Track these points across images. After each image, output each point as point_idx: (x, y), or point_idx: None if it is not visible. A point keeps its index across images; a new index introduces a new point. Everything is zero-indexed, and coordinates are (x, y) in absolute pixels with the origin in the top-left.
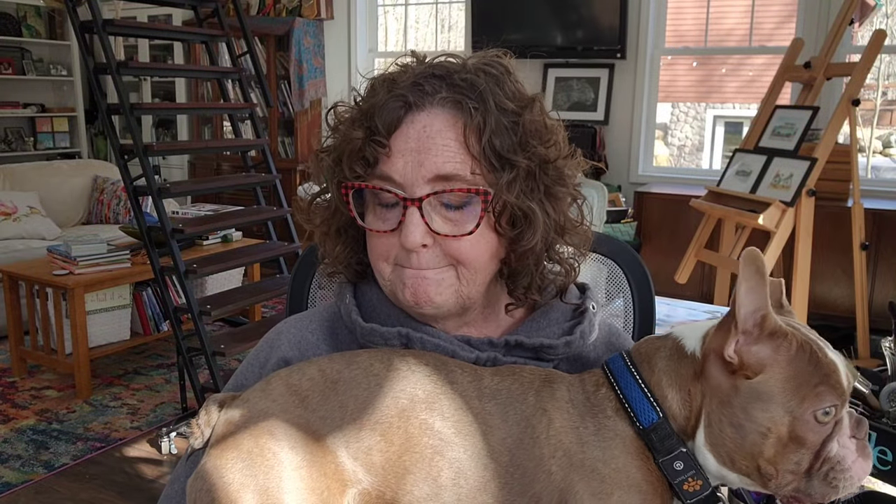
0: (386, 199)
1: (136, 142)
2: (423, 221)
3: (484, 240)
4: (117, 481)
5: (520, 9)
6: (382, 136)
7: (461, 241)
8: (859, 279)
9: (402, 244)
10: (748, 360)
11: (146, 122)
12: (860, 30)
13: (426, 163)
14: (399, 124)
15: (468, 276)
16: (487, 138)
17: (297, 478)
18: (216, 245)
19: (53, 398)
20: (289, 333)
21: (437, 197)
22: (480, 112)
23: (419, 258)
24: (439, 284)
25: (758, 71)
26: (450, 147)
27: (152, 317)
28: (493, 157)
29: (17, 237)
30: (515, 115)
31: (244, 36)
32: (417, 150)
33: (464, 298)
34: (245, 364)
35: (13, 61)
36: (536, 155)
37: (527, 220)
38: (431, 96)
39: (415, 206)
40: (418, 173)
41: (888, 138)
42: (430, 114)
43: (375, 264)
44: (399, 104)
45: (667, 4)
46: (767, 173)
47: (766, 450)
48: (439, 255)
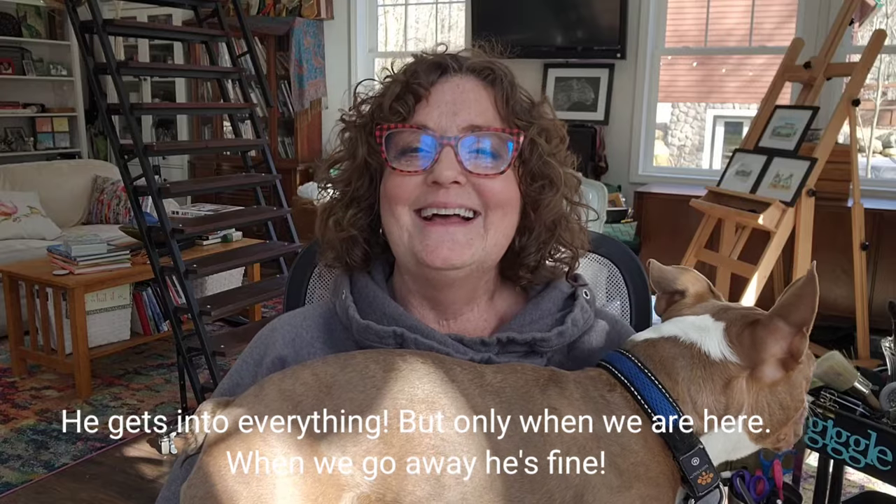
0: (415, 144)
1: (136, 142)
2: (456, 160)
3: (511, 186)
4: (117, 481)
5: (520, 9)
6: (423, 85)
7: (493, 180)
8: (859, 279)
9: (436, 177)
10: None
11: (146, 122)
12: (860, 30)
13: (461, 113)
14: (436, 81)
15: (496, 223)
16: (513, 105)
17: (290, 484)
18: (216, 245)
19: (53, 398)
20: (283, 330)
21: (469, 141)
22: (507, 81)
23: (449, 194)
24: (465, 246)
25: (758, 71)
26: (481, 104)
27: (152, 317)
28: (516, 119)
29: (17, 237)
30: (530, 101)
31: (244, 36)
32: (452, 102)
33: (486, 253)
34: (240, 362)
35: (13, 61)
36: (551, 131)
37: (548, 179)
38: (463, 64)
39: (449, 146)
40: (453, 121)
41: (888, 138)
42: (463, 77)
43: (392, 210)
44: (436, 62)
45: (667, 4)
46: (767, 173)
47: (797, 416)
48: (471, 193)
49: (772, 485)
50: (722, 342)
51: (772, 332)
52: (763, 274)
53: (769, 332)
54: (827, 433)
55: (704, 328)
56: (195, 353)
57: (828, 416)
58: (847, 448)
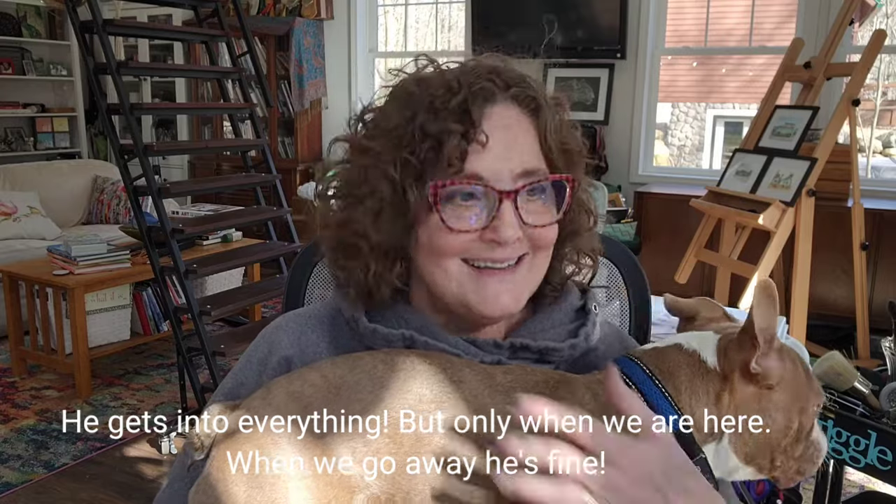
0: (471, 197)
1: (136, 142)
2: (516, 214)
3: (555, 227)
4: (117, 481)
5: (520, 8)
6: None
7: (548, 228)
8: (859, 279)
9: (499, 238)
10: (766, 372)
11: (146, 122)
12: (860, 30)
13: (514, 157)
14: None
15: (540, 264)
16: (560, 139)
17: (302, 487)
18: (216, 245)
19: (53, 398)
20: (288, 329)
21: (527, 192)
22: (552, 114)
23: (504, 250)
24: (521, 292)
25: (758, 71)
26: (531, 144)
27: (152, 317)
28: (565, 157)
29: (17, 237)
30: (564, 111)
31: (244, 36)
32: (505, 146)
33: (532, 290)
34: (243, 361)
35: (13, 61)
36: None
37: (585, 209)
38: (504, 91)
39: (509, 200)
40: (506, 167)
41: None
42: (507, 108)
43: (439, 262)
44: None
45: (667, 4)
46: (767, 173)
47: (784, 443)
48: (524, 244)
49: (772, 485)
50: (715, 353)
51: (738, 343)
52: (763, 274)
53: (737, 342)
54: (827, 433)
55: (705, 338)
56: (195, 353)
57: (828, 415)
58: (847, 448)
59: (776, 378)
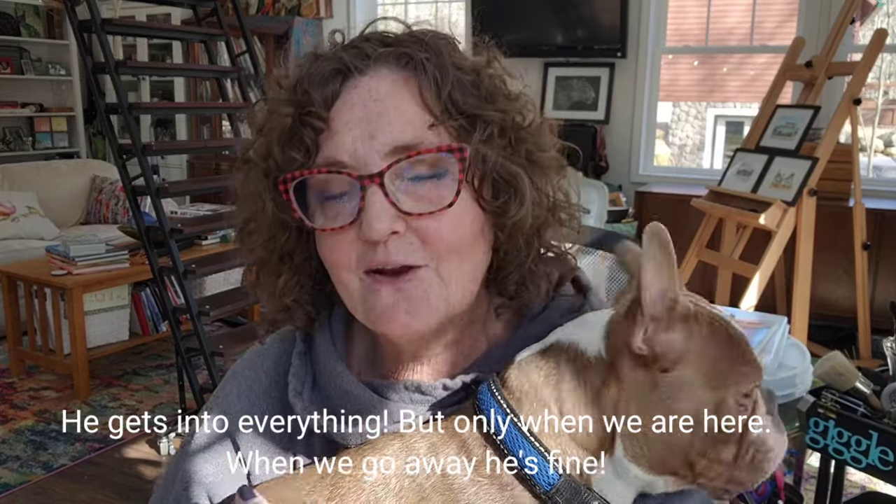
0: (336, 188)
1: (134, 141)
2: (388, 202)
3: (467, 216)
4: (116, 482)
5: (520, 8)
6: (319, 108)
7: (440, 219)
8: (861, 279)
9: (367, 237)
10: (661, 350)
11: (145, 122)
12: (861, 29)
13: (379, 134)
14: (338, 94)
15: (454, 271)
16: (447, 92)
17: None
18: (215, 245)
19: (52, 399)
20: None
21: (399, 168)
22: (434, 64)
23: (388, 250)
24: (423, 303)
25: (759, 70)
26: (404, 110)
27: (151, 317)
28: (458, 115)
29: (15, 237)
30: (475, 73)
31: (243, 35)
32: (366, 120)
33: (452, 306)
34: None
35: (11, 61)
36: (508, 113)
37: (511, 188)
38: (371, 56)
39: (375, 184)
40: (371, 147)
41: (890, 138)
42: (375, 76)
43: (338, 277)
44: (334, 68)
45: (668, 3)
46: (769, 173)
47: (696, 443)
48: (414, 244)
49: (773, 486)
50: (602, 335)
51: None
52: (764, 274)
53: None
54: (828, 433)
55: (593, 321)
56: (194, 353)
57: (829, 416)
58: (848, 448)
59: (675, 356)
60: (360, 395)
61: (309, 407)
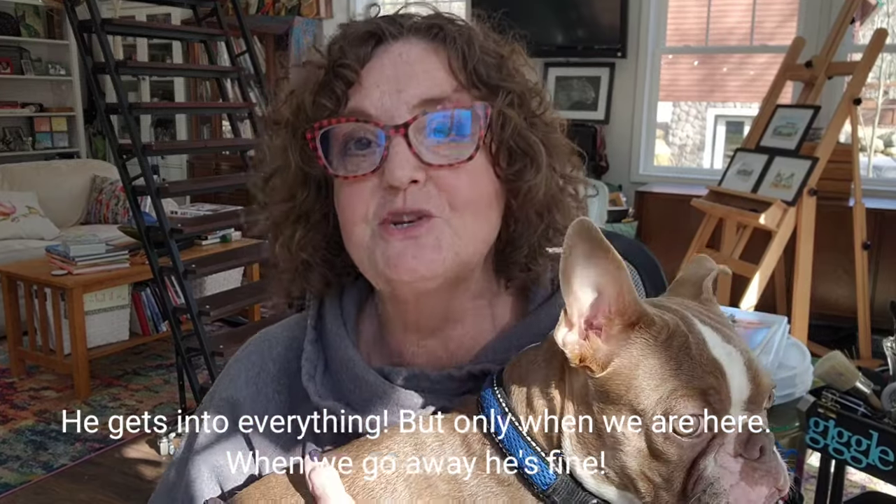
0: (361, 136)
1: (134, 141)
2: (411, 153)
3: (485, 176)
4: (116, 482)
5: (520, 8)
6: (352, 63)
7: (459, 172)
8: (861, 279)
9: (388, 181)
10: (587, 352)
11: (145, 122)
12: (861, 29)
13: (407, 88)
14: (370, 56)
15: (467, 226)
16: (472, 65)
17: None
18: (215, 245)
19: (52, 399)
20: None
21: (423, 122)
22: (462, 39)
23: (407, 198)
24: (433, 250)
25: (759, 70)
26: (433, 74)
27: (151, 317)
28: (481, 84)
29: (15, 237)
30: (499, 57)
31: (243, 35)
32: (395, 78)
33: (461, 260)
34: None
35: (11, 61)
36: (528, 93)
37: (527, 157)
38: (404, 25)
39: (400, 135)
40: (399, 100)
41: (890, 137)
42: (407, 42)
43: (351, 233)
44: (368, 30)
45: (668, 3)
46: (769, 173)
47: (629, 461)
48: (432, 194)
49: None
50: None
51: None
52: (764, 274)
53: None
54: (828, 433)
55: None
56: (194, 353)
57: (829, 416)
58: (848, 448)
59: (602, 360)
60: (372, 381)
61: (321, 391)
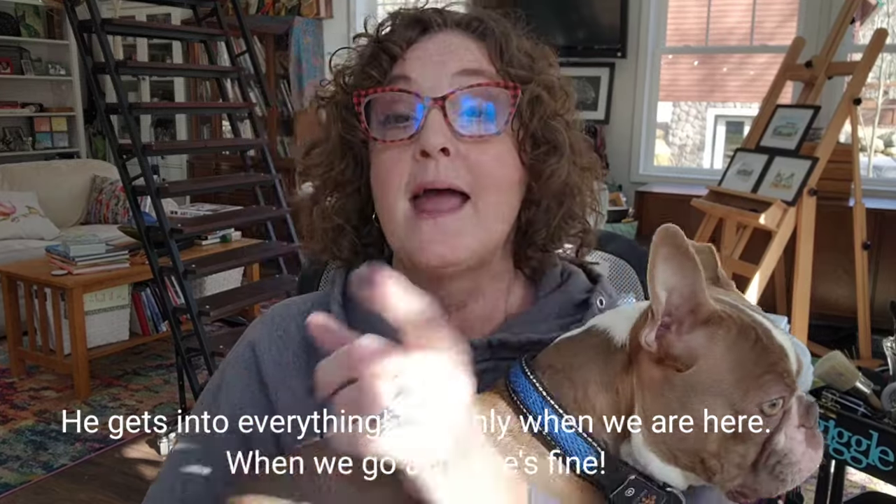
0: (401, 110)
1: (134, 141)
2: (446, 123)
3: (509, 157)
4: (116, 482)
5: (521, 8)
6: (399, 40)
7: (486, 149)
8: (861, 279)
9: (422, 146)
10: (675, 351)
11: (145, 122)
12: (861, 29)
13: (449, 62)
14: (415, 41)
15: (491, 206)
16: (509, 57)
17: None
18: (215, 245)
19: (52, 399)
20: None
21: (459, 95)
22: (500, 33)
23: (437, 168)
24: (458, 237)
25: (759, 70)
26: (474, 54)
27: (151, 317)
28: (515, 73)
29: (15, 237)
30: (530, 57)
31: (243, 35)
32: (439, 54)
33: (483, 243)
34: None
35: (11, 61)
36: (555, 89)
37: (551, 144)
38: (448, 18)
39: (437, 106)
40: (440, 71)
41: (890, 137)
42: (450, 33)
43: (385, 201)
44: (416, 17)
45: (668, 3)
46: (769, 173)
47: (709, 445)
48: (461, 170)
49: None
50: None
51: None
52: (764, 274)
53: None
54: (828, 433)
55: (624, 312)
56: (194, 353)
57: (829, 416)
58: (848, 448)
59: (689, 359)
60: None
61: None
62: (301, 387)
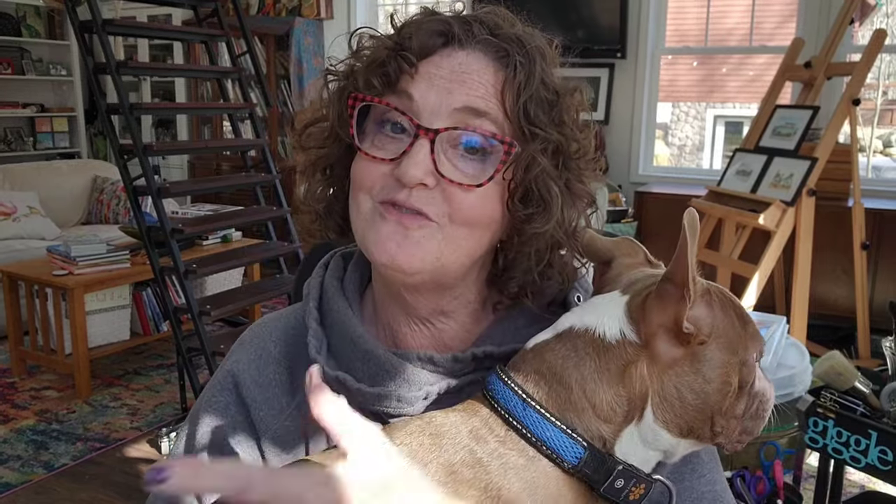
0: (394, 120)
1: (135, 142)
2: (430, 157)
3: (490, 203)
4: (117, 482)
5: (519, 9)
6: (413, 54)
7: (468, 193)
8: (860, 279)
9: (400, 176)
10: (698, 325)
11: (146, 122)
12: (860, 29)
13: (456, 92)
14: (433, 52)
15: (457, 238)
16: (524, 100)
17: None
18: (216, 245)
19: (53, 398)
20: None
21: (454, 134)
22: (524, 70)
23: (411, 196)
24: (415, 247)
25: (758, 70)
26: (485, 89)
27: (152, 317)
28: (524, 123)
29: (16, 237)
30: (555, 95)
31: (244, 35)
32: (449, 80)
33: (441, 265)
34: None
35: (13, 61)
36: (568, 140)
37: (543, 204)
38: (476, 36)
39: (427, 138)
40: (444, 100)
41: (889, 138)
42: (472, 53)
43: (355, 196)
44: (440, 29)
45: (667, 4)
46: (768, 173)
47: (724, 404)
48: (437, 200)
49: (772, 485)
50: (623, 318)
51: (659, 297)
52: (763, 274)
53: (657, 296)
54: (827, 433)
55: (605, 306)
56: (195, 353)
57: (828, 415)
58: (847, 448)
59: (707, 330)
60: (382, 355)
61: (329, 364)
62: (282, 400)
